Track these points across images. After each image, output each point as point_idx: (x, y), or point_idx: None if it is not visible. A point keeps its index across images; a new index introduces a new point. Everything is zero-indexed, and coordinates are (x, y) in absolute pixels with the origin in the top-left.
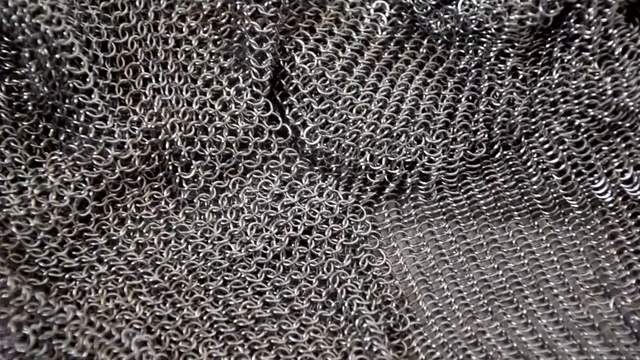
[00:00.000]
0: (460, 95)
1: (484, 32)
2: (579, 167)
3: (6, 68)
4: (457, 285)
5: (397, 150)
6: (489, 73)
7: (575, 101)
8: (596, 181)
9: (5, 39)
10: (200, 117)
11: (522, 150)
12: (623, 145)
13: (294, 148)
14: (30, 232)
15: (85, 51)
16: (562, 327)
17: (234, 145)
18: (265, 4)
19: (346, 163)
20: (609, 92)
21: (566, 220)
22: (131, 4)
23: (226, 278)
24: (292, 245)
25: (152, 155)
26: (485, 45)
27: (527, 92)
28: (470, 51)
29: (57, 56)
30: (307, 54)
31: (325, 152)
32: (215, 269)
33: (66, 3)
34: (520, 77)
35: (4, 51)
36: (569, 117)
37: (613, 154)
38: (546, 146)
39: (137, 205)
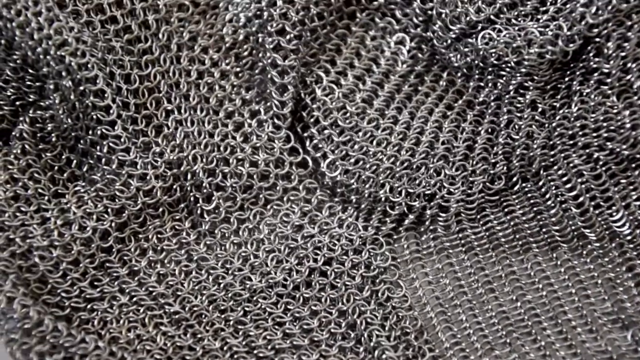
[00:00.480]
0: (480, 128)
1: (503, 65)
2: (597, 199)
3: (30, 100)
4: (476, 317)
5: (417, 182)
6: (508, 106)
7: (594, 134)
8: (614, 214)
9: (30, 71)
10: (221, 148)
11: (540, 183)
12: None
13: (315, 179)
14: (52, 263)
15: (109, 83)
16: (580, 359)
17: (255, 176)
18: (287, 36)
19: (366, 195)
20: (628, 125)
21: (584, 252)
22: (154, 37)
23: (246, 309)
24: (312, 276)
25: (174, 187)
26: (504, 78)
27: (546, 125)
28: (490, 84)
29: (81, 88)
30: (328, 87)
31: (345, 184)
32: (236, 300)
33: (90, 36)
34: (540, 110)
35: (28, 83)
36: (587, 150)
37: (631, 187)
38: (565, 179)
39: (159, 236)
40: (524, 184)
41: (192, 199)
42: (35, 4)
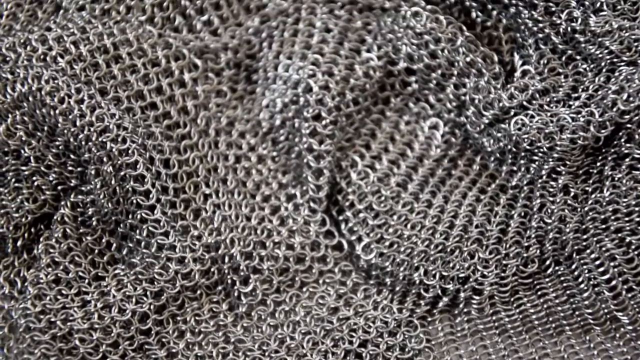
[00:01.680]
0: (513, 212)
1: (536, 150)
2: (630, 283)
3: (72, 185)
4: None
5: (451, 265)
6: (541, 190)
7: (626, 218)
8: None
9: (72, 156)
10: (258, 232)
11: (573, 266)
12: None
13: (350, 262)
14: (92, 345)
15: (149, 168)
16: None
17: (291, 259)
18: (323, 122)
19: (401, 277)
20: None
21: (617, 335)
22: (193, 122)
23: None
24: (348, 358)
25: (212, 269)
26: (537, 163)
27: (579, 209)
28: (523, 169)
29: (122, 173)
30: (363, 171)
31: (380, 267)
32: None
33: (131, 122)
34: (572, 194)
35: (70, 168)
36: (619, 234)
37: None
38: (597, 262)
39: (197, 318)
40: (557, 267)
41: (229, 281)
42: (77, 92)
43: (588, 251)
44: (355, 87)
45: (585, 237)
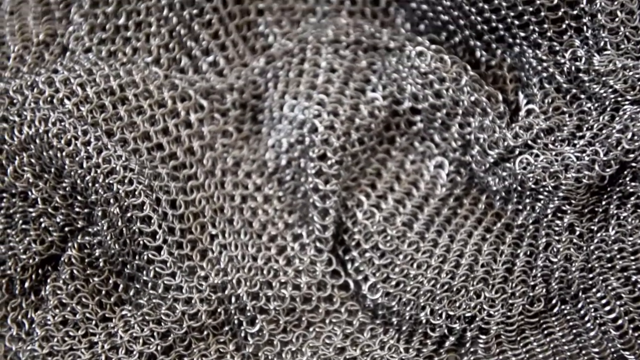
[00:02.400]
0: (519, 251)
1: (541, 189)
2: (636, 322)
3: (79, 226)
4: None
5: (457, 304)
6: (546, 229)
7: (632, 257)
8: None
9: (79, 198)
10: (265, 272)
11: (579, 305)
12: None
13: (356, 302)
14: None
15: (155, 209)
16: None
17: (297, 299)
18: (329, 162)
19: (407, 317)
20: None
21: None
22: (199, 163)
23: None
24: None
25: (219, 310)
26: (542, 202)
27: (584, 248)
28: (528, 207)
29: (129, 215)
30: (369, 210)
31: (386, 306)
32: None
33: (137, 163)
34: (577, 233)
35: (77, 210)
36: (625, 273)
37: None
38: (603, 301)
39: (204, 359)
40: (563, 307)
41: (236, 322)
42: (84, 134)
43: (594, 290)
44: (361, 126)
45: (591, 275)
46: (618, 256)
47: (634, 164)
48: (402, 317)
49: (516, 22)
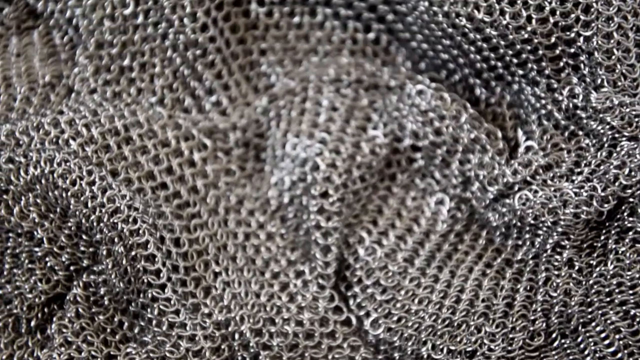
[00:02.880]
0: (519, 286)
1: (540, 225)
2: (635, 355)
3: (84, 265)
4: None
5: (458, 339)
6: (546, 264)
7: (630, 291)
8: None
9: (84, 237)
10: (268, 308)
11: (579, 339)
12: None
13: (358, 337)
14: None
15: (159, 247)
16: None
17: (300, 335)
18: (330, 199)
19: (409, 352)
20: None
21: None
22: (202, 201)
23: None
24: None
25: (222, 347)
26: (542, 237)
27: (583, 283)
28: (528, 243)
29: (133, 253)
30: (371, 247)
31: (388, 342)
32: None
33: (141, 202)
34: (577, 268)
35: (82, 249)
36: (624, 307)
37: None
38: (603, 335)
39: None
40: (563, 340)
41: (239, 358)
42: (89, 174)
43: (593, 324)
44: (362, 164)
45: (590, 310)
46: (617, 290)
47: (631, 199)
48: (404, 352)
49: (514, 60)
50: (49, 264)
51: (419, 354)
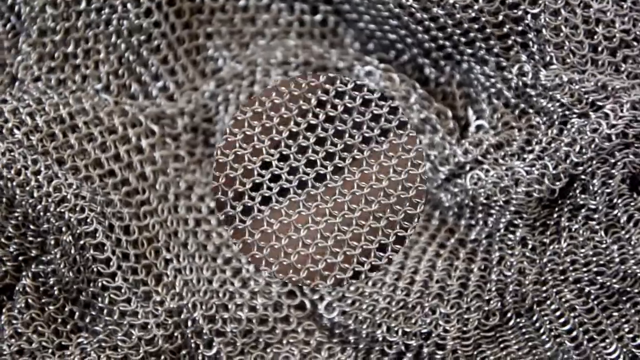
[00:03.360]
0: (473, 266)
1: (492, 204)
2: (590, 333)
3: (32, 255)
4: None
5: (413, 321)
6: (499, 243)
7: (584, 269)
8: (608, 346)
9: (32, 227)
10: (220, 294)
11: (534, 318)
12: (633, 310)
13: (313, 321)
14: None
15: (108, 236)
16: None
17: (254, 321)
18: None
19: (364, 335)
20: (617, 259)
21: None
22: (152, 188)
23: None
24: None
25: (175, 334)
26: (494, 216)
27: (537, 261)
28: (481, 222)
29: (81, 242)
30: None
31: (343, 325)
32: None
33: (89, 190)
34: (530, 246)
35: (30, 239)
36: (578, 285)
37: (623, 320)
38: (558, 313)
39: None
40: (518, 320)
41: (193, 345)
42: (34, 163)
43: (548, 302)
44: None
45: (544, 288)
46: (571, 268)
47: (583, 177)
48: (359, 335)
49: (463, 39)
50: None
51: (374, 336)
